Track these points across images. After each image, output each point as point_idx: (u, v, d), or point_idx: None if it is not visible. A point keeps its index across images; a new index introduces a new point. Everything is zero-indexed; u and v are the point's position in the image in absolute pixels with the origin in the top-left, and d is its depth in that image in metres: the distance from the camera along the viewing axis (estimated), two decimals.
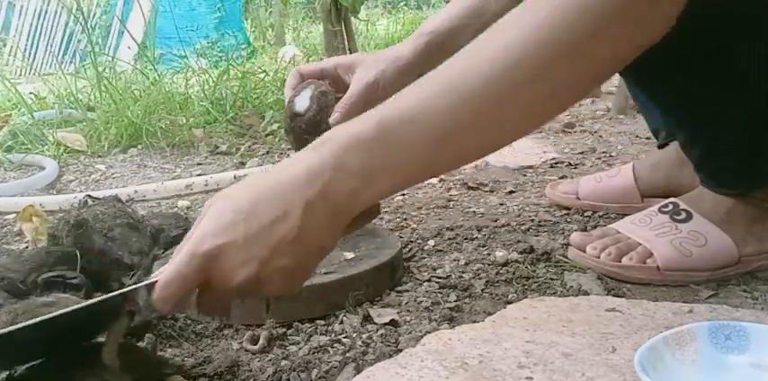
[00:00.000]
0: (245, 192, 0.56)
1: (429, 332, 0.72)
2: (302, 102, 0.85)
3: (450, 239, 1.03)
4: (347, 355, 0.69)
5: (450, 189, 1.36)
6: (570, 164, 1.53)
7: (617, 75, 1.13)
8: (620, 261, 0.86)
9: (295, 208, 0.54)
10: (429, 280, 0.87)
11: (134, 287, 0.57)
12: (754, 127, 0.83)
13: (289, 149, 1.40)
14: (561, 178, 1.40)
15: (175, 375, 0.64)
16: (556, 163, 1.53)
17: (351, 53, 2.40)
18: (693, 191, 0.92)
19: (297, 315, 0.77)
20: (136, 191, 1.40)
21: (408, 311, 0.79)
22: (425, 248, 1.00)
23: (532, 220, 1.11)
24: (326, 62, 0.94)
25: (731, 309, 0.75)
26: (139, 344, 0.67)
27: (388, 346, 0.71)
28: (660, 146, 1.14)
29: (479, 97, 0.54)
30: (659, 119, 1.12)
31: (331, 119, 0.84)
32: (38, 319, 0.52)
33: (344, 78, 0.90)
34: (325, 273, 0.81)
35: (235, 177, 1.43)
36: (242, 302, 0.76)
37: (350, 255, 0.86)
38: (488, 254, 0.96)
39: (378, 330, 0.74)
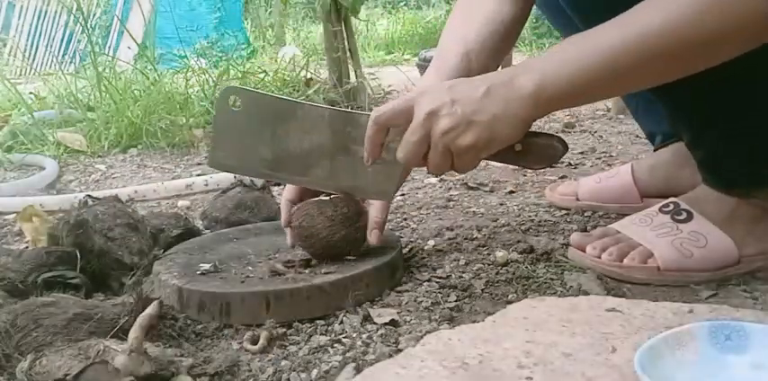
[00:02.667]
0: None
1: (429, 332, 0.72)
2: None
3: (450, 239, 1.03)
4: (347, 355, 0.69)
5: (451, 189, 1.36)
6: (570, 164, 1.53)
7: None
8: (620, 262, 0.86)
9: (486, 85, 0.73)
10: (429, 280, 0.87)
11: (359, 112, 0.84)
12: (761, 127, 0.83)
13: None
14: (561, 178, 1.40)
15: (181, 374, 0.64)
16: (556, 163, 1.53)
17: (351, 53, 2.41)
18: (695, 190, 0.92)
19: (297, 316, 0.77)
20: (136, 191, 1.40)
21: (408, 311, 0.79)
22: (425, 248, 1.00)
23: (532, 220, 1.11)
24: None
25: (731, 309, 0.74)
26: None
27: (388, 346, 0.71)
28: (656, 150, 1.14)
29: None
30: (655, 122, 1.12)
31: (372, 239, 0.86)
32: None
33: None
34: (326, 273, 0.81)
35: (235, 177, 1.42)
36: (243, 303, 0.77)
37: (349, 256, 0.86)
38: (488, 254, 0.96)
39: (378, 330, 0.74)
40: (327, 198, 0.87)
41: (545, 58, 0.75)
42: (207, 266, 0.84)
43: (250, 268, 0.85)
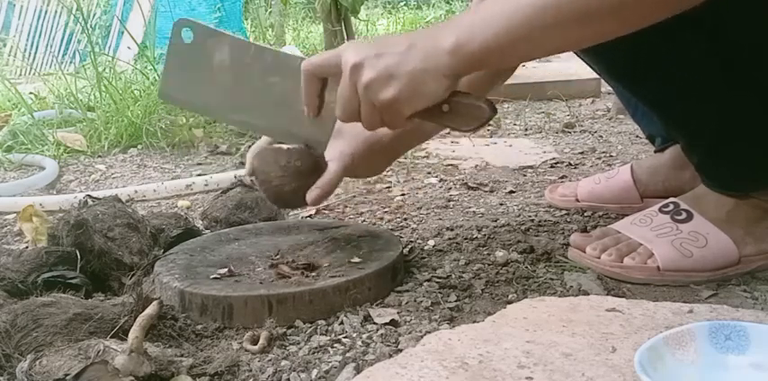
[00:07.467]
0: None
1: (429, 332, 0.72)
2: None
3: (450, 239, 1.03)
4: (347, 355, 0.69)
5: (450, 189, 1.36)
6: (570, 164, 1.53)
7: None
8: (620, 262, 0.86)
9: (411, 40, 0.73)
10: (429, 280, 0.87)
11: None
12: (755, 129, 0.83)
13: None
14: (561, 178, 1.40)
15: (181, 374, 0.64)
16: (556, 163, 1.53)
17: None
18: (694, 190, 0.92)
19: (299, 319, 0.77)
20: (136, 191, 1.40)
21: (408, 311, 0.79)
22: (425, 248, 1.00)
23: (532, 220, 1.11)
24: None
25: (731, 309, 0.75)
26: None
27: (388, 346, 0.71)
28: (657, 152, 1.14)
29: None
30: (654, 124, 1.12)
31: (308, 198, 0.85)
32: None
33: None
34: (330, 277, 0.81)
35: (235, 177, 1.42)
36: (245, 306, 0.77)
37: (354, 259, 0.86)
38: (488, 254, 0.96)
39: (378, 330, 0.74)
40: (287, 146, 0.86)
41: (470, 14, 0.74)
42: (223, 270, 0.84)
43: (256, 270, 0.85)
